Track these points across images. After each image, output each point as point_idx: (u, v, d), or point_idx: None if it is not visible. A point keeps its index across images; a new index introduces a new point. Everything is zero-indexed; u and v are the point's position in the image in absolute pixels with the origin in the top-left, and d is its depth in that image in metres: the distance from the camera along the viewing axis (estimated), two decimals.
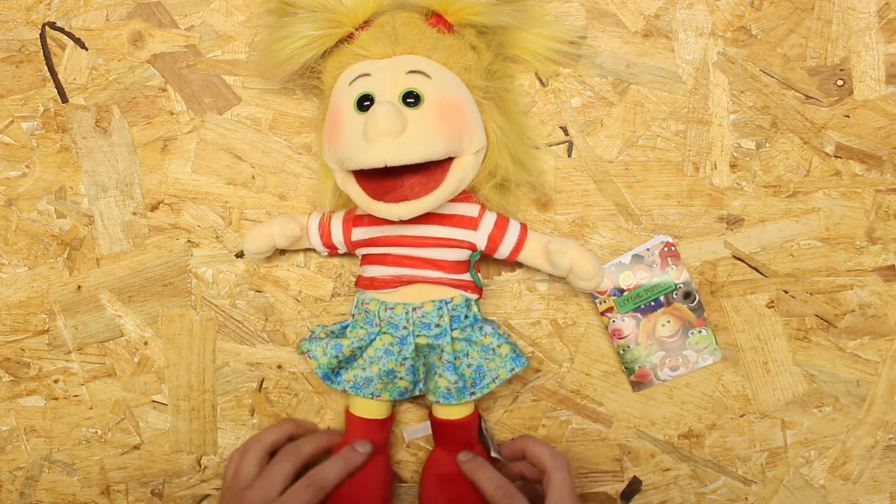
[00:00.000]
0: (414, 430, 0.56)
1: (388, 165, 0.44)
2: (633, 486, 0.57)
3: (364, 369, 0.51)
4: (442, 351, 0.50)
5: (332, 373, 0.52)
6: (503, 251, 0.52)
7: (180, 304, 0.58)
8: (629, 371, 0.55)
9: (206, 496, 0.58)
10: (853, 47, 0.56)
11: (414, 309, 0.50)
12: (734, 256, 0.56)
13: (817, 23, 0.56)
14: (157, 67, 0.58)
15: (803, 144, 0.56)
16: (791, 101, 0.56)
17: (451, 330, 0.51)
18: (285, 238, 0.52)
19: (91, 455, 0.58)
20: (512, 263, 0.55)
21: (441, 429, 0.53)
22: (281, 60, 0.49)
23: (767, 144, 0.56)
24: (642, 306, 0.55)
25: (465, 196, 0.51)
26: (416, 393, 0.53)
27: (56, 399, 0.58)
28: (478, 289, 0.52)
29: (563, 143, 0.56)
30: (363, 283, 0.52)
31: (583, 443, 0.57)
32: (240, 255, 0.57)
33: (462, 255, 0.51)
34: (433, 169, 0.46)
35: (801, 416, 0.56)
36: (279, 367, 0.57)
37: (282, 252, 0.57)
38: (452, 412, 0.52)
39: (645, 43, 0.56)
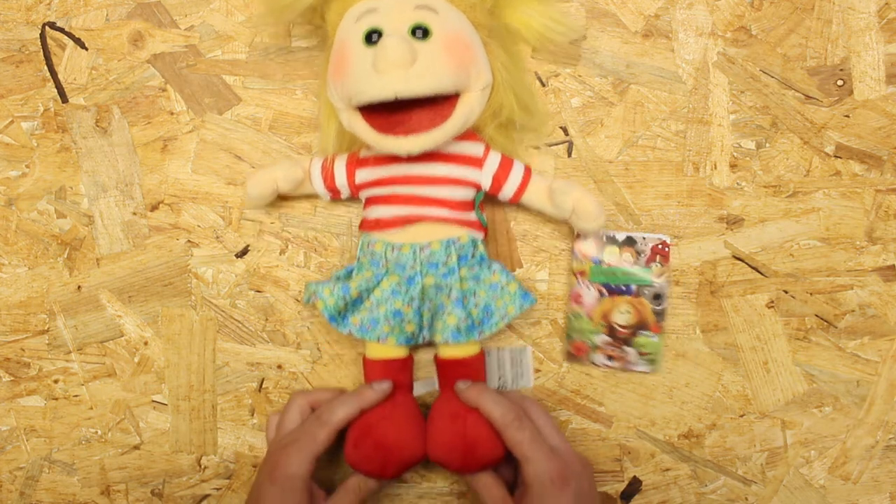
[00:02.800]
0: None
1: (399, 97, 0.44)
2: (633, 486, 0.57)
3: (371, 311, 0.51)
4: (450, 290, 0.50)
5: (339, 315, 0.51)
6: (507, 192, 0.52)
7: (180, 304, 0.58)
8: (568, 339, 0.55)
9: (206, 496, 0.58)
10: (853, 47, 0.56)
11: (421, 248, 0.50)
12: (734, 256, 0.56)
13: (817, 23, 0.56)
14: (157, 67, 0.58)
15: (803, 144, 0.56)
16: (791, 101, 0.56)
17: (459, 269, 0.50)
18: (288, 181, 0.52)
19: (91, 455, 0.58)
20: (516, 207, 0.55)
21: (447, 370, 0.52)
22: (286, 3, 0.49)
23: (767, 144, 0.56)
24: (612, 285, 0.54)
25: (469, 135, 0.51)
26: (421, 340, 0.52)
27: (56, 399, 0.58)
28: (483, 228, 0.52)
29: (563, 143, 0.56)
30: (368, 226, 0.52)
31: (583, 443, 0.57)
32: (240, 254, 0.58)
33: (468, 193, 0.51)
34: (441, 104, 0.46)
35: (801, 416, 0.56)
36: (279, 367, 0.57)
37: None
38: (457, 350, 0.51)
39: (645, 43, 0.56)
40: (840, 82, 0.56)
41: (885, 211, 0.56)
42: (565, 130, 0.56)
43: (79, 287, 0.58)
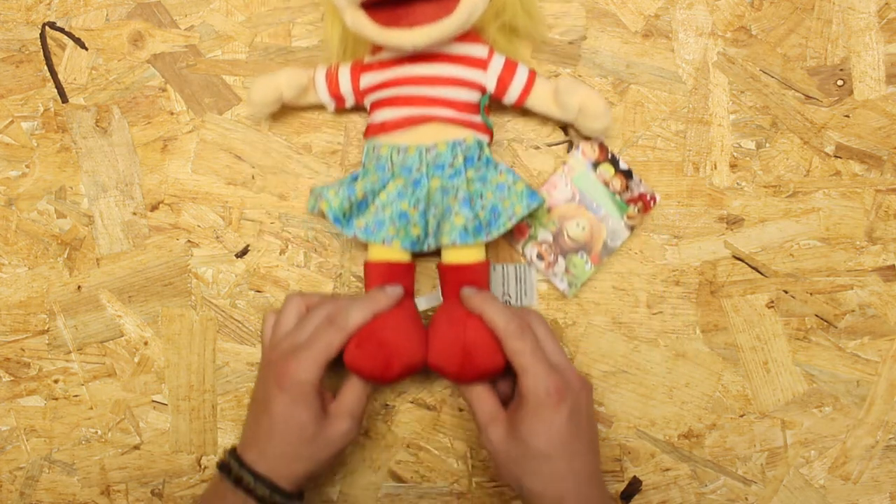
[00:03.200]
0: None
1: None
2: (633, 486, 0.57)
3: (376, 214, 0.50)
4: (457, 191, 0.50)
5: (344, 217, 0.51)
6: (512, 94, 0.52)
7: (180, 304, 0.58)
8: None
9: None
10: (853, 47, 0.56)
11: (427, 150, 0.50)
12: (734, 256, 0.56)
13: (817, 23, 0.56)
14: (157, 67, 0.58)
15: (803, 144, 0.56)
16: (791, 101, 0.56)
17: (465, 170, 0.50)
18: (292, 87, 0.52)
19: (91, 455, 0.58)
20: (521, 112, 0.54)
21: (451, 276, 0.52)
22: None
23: (767, 144, 0.56)
24: (587, 197, 0.54)
25: (473, 37, 0.51)
26: (426, 248, 0.51)
27: (56, 399, 0.58)
28: (489, 131, 0.52)
29: (563, 143, 0.56)
30: (374, 130, 0.52)
31: None
32: (240, 254, 0.58)
33: (473, 95, 0.51)
34: None
35: (801, 416, 0.56)
36: None
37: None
38: (462, 255, 0.51)
39: (645, 43, 0.56)
40: (840, 82, 0.56)
41: (885, 211, 0.56)
42: (565, 130, 0.56)
43: (79, 287, 0.58)
